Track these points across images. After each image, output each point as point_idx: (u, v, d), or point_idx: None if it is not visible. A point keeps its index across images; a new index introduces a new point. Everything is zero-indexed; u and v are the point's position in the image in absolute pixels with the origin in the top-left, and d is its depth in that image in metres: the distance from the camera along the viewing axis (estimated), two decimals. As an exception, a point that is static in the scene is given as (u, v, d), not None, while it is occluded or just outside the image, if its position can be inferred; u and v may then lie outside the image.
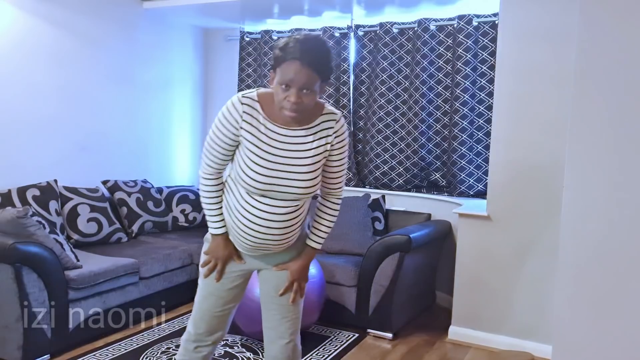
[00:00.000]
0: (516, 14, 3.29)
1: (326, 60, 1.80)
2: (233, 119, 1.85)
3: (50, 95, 3.93)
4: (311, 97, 1.79)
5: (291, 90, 1.75)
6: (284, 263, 2.04)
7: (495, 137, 3.42)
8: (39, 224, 3.05)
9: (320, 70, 1.76)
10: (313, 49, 1.75)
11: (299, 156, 1.87)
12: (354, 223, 3.99)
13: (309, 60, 1.73)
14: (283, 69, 1.75)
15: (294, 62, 1.73)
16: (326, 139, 1.90)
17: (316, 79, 1.76)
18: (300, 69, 1.73)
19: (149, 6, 4.51)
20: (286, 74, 1.74)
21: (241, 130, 1.85)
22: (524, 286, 3.35)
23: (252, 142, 1.86)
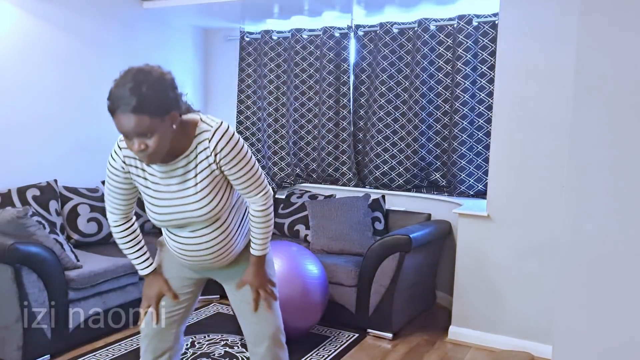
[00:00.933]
0: (516, 14, 3.29)
1: (152, 96, 1.61)
2: (118, 168, 1.88)
3: (50, 95, 3.93)
4: (157, 138, 1.63)
5: (133, 140, 1.65)
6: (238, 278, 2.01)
7: (495, 137, 3.42)
8: (39, 224, 3.05)
9: (148, 110, 1.60)
10: (132, 91, 1.59)
11: (187, 186, 1.81)
12: (354, 223, 3.99)
13: (130, 108, 1.58)
14: (115, 121, 1.66)
15: (119, 114, 1.62)
16: (206, 161, 1.78)
17: (149, 121, 1.60)
18: (126, 119, 1.60)
19: (149, 6, 4.51)
20: (119, 127, 1.65)
21: (129, 174, 1.87)
22: (524, 286, 3.35)
23: (141, 185, 1.87)
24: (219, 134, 1.77)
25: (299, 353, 3.14)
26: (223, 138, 1.77)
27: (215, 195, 1.83)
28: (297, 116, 4.83)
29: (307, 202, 4.30)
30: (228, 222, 1.91)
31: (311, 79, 4.75)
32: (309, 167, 4.88)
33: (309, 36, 4.74)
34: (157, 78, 1.67)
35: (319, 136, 4.72)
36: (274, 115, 4.98)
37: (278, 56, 4.90)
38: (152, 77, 1.65)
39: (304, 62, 4.75)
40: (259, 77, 4.97)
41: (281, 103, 4.94)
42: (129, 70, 1.67)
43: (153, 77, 1.66)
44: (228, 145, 1.77)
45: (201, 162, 1.79)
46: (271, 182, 4.96)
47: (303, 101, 4.79)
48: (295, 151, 4.88)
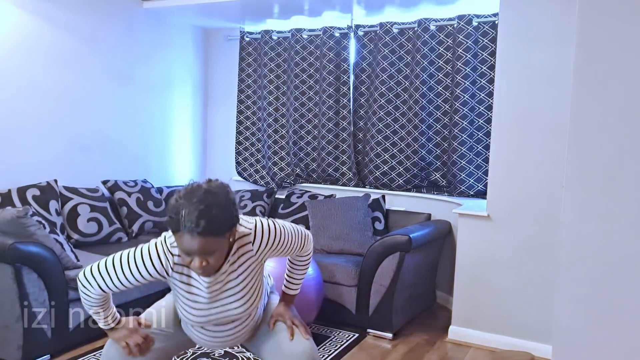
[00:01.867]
0: (516, 14, 3.29)
1: (219, 220, 1.62)
2: (159, 272, 1.78)
3: (51, 95, 3.93)
4: (217, 256, 1.68)
5: (194, 258, 1.65)
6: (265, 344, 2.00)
7: (495, 137, 3.42)
8: (39, 224, 3.05)
9: (215, 232, 1.62)
10: (201, 216, 1.59)
11: (229, 287, 1.83)
12: (354, 223, 3.99)
13: (199, 230, 1.58)
14: (177, 238, 1.64)
15: (185, 235, 1.60)
16: (249, 262, 1.83)
17: (214, 241, 1.63)
18: (192, 241, 1.60)
19: (149, 6, 4.51)
20: (182, 245, 1.64)
21: (171, 278, 1.82)
22: (524, 286, 3.35)
23: (182, 290, 1.84)
24: (259, 235, 1.83)
25: (299, 353, 3.14)
26: (264, 237, 1.83)
27: (255, 291, 1.88)
28: (297, 116, 4.83)
29: (307, 202, 4.30)
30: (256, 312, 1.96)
31: (311, 79, 4.75)
32: (309, 167, 4.88)
33: (309, 36, 4.74)
34: (224, 199, 1.67)
35: (319, 136, 4.72)
36: (274, 115, 4.98)
37: (278, 56, 4.90)
38: (219, 199, 1.66)
39: (304, 62, 4.75)
40: (259, 77, 4.98)
41: (281, 103, 4.94)
42: (195, 190, 1.65)
43: (220, 199, 1.66)
44: (270, 239, 1.84)
45: (243, 263, 1.83)
46: (271, 182, 4.96)
47: (303, 101, 4.79)
48: (295, 151, 4.88)
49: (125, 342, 1.87)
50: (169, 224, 1.65)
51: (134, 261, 1.78)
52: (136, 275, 1.78)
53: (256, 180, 5.08)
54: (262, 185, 5.03)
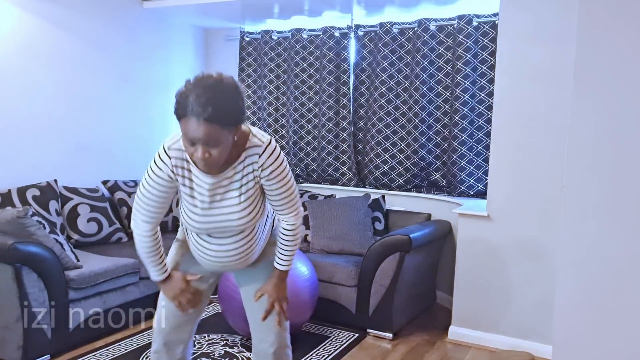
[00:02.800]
0: (516, 14, 3.29)
1: (225, 108, 1.63)
2: (164, 177, 1.82)
3: (51, 95, 3.93)
4: (221, 148, 1.68)
5: (197, 147, 1.66)
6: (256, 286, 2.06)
7: (495, 137, 3.42)
8: (39, 224, 3.05)
9: (221, 121, 1.62)
10: (208, 102, 1.59)
11: (230, 196, 1.85)
12: (354, 223, 3.99)
13: (206, 116, 1.59)
14: (182, 124, 1.65)
15: (191, 119, 1.61)
16: (252, 174, 1.84)
17: (219, 131, 1.63)
18: (198, 126, 1.60)
19: (149, 6, 4.51)
20: (187, 131, 1.64)
21: (176, 182, 1.85)
22: (524, 286, 3.35)
23: (185, 193, 1.87)
24: (269, 151, 1.83)
25: (299, 353, 3.14)
26: (272, 156, 1.83)
27: (255, 207, 1.89)
28: (297, 116, 4.83)
29: (307, 202, 4.30)
30: (256, 229, 1.97)
31: (311, 79, 4.75)
32: (309, 167, 4.88)
33: (309, 36, 4.74)
34: (233, 91, 1.68)
35: (319, 136, 4.72)
36: (274, 115, 4.98)
37: (278, 56, 4.90)
38: (228, 89, 1.67)
39: (304, 62, 4.75)
40: (259, 77, 4.98)
41: (281, 103, 4.94)
42: (205, 78, 1.66)
43: (229, 89, 1.67)
44: (275, 164, 1.84)
45: (247, 174, 1.84)
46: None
47: (303, 101, 4.80)
48: (295, 151, 4.88)
49: (178, 300, 1.98)
50: (176, 110, 1.66)
51: (147, 176, 1.85)
52: (156, 187, 1.84)
53: (256, 180, 5.07)
54: (262, 185, 5.02)
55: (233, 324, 3.28)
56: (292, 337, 2.19)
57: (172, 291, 2.00)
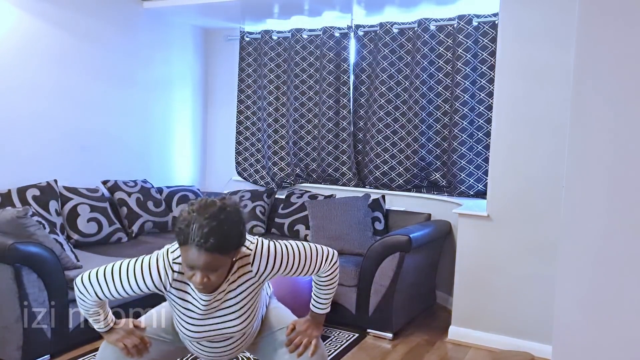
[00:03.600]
0: (516, 14, 3.29)
1: (227, 237, 1.62)
2: (157, 285, 1.76)
3: (50, 95, 3.93)
4: (219, 273, 1.67)
5: (196, 273, 1.64)
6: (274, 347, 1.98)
7: (495, 137, 3.42)
8: (39, 224, 3.04)
9: (223, 250, 1.62)
10: (211, 232, 1.58)
11: (227, 306, 1.82)
12: (354, 223, 3.99)
13: (208, 246, 1.58)
14: (183, 251, 1.64)
15: (192, 248, 1.60)
16: (248, 284, 1.81)
17: (219, 259, 1.63)
18: (199, 256, 1.60)
19: (149, 6, 4.52)
20: (187, 259, 1.63)
21: (168, 292, 1.80)
22: (524, 286, 3.35)
23: (179, 305, 1.82)
24: (258, 256, 1.79)
25: (299, 353, 3.14)
26: (263, 258, 1.79)
27: (252, 311, 1.86)
28: (297, 116, 4.83)
29: (307, 202, 4.30)
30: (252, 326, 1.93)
31: (311, 79, 4.75)
32: (309, 167, 4.88)
33: (309, 36, 4.74)
34: (236, 218, 1.67)
35: (319, 136, 4.72)
36: (274, 115, 4.98)
37: (278, 56, 4.90)
38: (231, 217, 1.65)
39: (304, 62, 4.75)
40: (259, 77, 4.98)
41: (281, 103, 4.94)
42: (209, 206, 1.64)
43: (232, 217, 1.66)
44: (269, 261, 1.80)
45: (242, 284, 1.81)
46: (271, 182, 4.96)
47: (303, 101, 4.80)
48: (295, 151, 4.88)
49: (123, 344, 1.86)
50: (177, 235, 1.65)
51: (134, 272, 1.77)
52: (134, 286, 1.77)
53: (256, 180, 5.08)
54: (262, 185, 5.03)
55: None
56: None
57: (115, 336, 1.88)
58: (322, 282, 1.95)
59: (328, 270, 1.92)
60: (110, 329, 1.90)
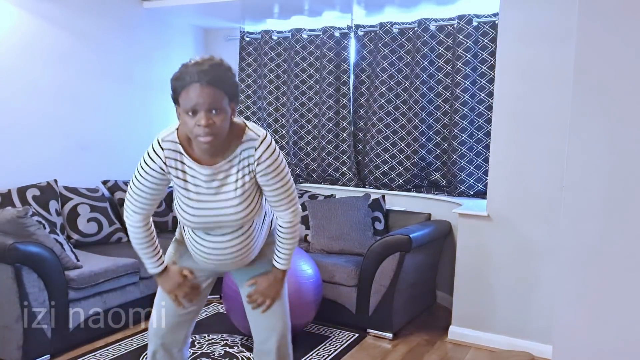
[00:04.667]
0: (516, 14, 3.29)
1: (226, 76, 1.72)
2: (156, 169, 1.83)
3: (51, 95, 3.93)
4: (222, 117, 1.70)
5: (199, 115, 1.68)
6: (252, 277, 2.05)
7: (495, 137, 3.42)
8: (39, 224, 3.05)
9: (222, 86, 1.69)
10: (209, 68, 1.68)
11: (225, 190, 1.85)
12: (354, 223, 3.99)
13: (208, 79, 1.66)
14: (184, 97, 1.69)
15: (193, 86, 1.66)
16: (248, 168, 1.84)
17: (222, 96, 1.69)
18: (201, 90, 1.66)
19: (149, 6, 4.52)
20: (189, 100, 1.68)
21: (168, 175, 1.85)
22: (524, 286, 3.35)
23: (179, 186, 1.86)
24: (265, 145, 1.82)
25: (299, 353, 3.14)
26: (268, 150, 1.82)
27: (251, 201, 1.88)
28: (297, 116, 4.83)
29: (307, 202, 4.30)
30: (253, 226, 1.96)
31: (311, 79, 4.75)
32: (309, 167, 4.88)
33: (309, 36, 4.74)
34: (229, 66, 1.76)
35: (319, 136, 4.72)
36: (274, 115, 4.98)
37: (278, 56, 4.90)
38: (225, 65, 1.75)
39: (304, 62, 4.75)
40: (259, 77, 4.98)
41: (281, 103, 4.94)
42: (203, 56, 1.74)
43: (226, 64, 1.75)
44: (271, 158, 1.83)
45: (243, 168, 1.84)
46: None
47: (303, 101, 4.80)
48: (295, 151, 4.88)
49: (175, 294, 1.99)
50: (174, 89, 1.72)
51: (140, 170, 1.86)
52: (148, 180, 1.85)
53: (256, 180, 5.07)
54: (262, 185, 5.02)
55: (237, 323, 3.28)
56: (293, 338, 2.19)
57: (169, 284, 2.00)
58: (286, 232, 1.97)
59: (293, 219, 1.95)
60: (162, 274, 2.00)
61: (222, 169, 1.83)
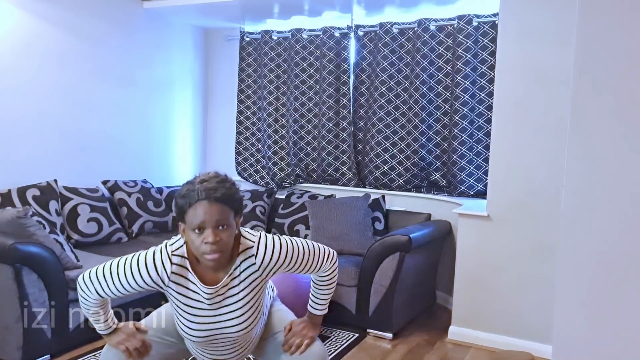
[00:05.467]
0: (516, 14, 3.29)
1: (232, 192, 1.72)
2: (155, 280, 1.76)
3: (50, 95, 3.93)
4: (229, 233, 1.70)
5: (206, 232, 1.66)
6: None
7: (495, 137, 3.42)
8: (39, 224, 3.05)
9: (229, 202, 1.69)
10: (216, 185, 1.68)
11: (228, 303, 1.81)
12: (354, 223, 3.99)
13: (216, 196, 1.66)
14: (191, 214, 1.67)
15: (201, 203, 1.66)
16: (252, 277, 1.81)
17: (228, 213, 1.69)
18: (209, 207, 1.65)
19: (149, 6, 4.52)
20: (196, 217, 1.66)
21: (167, 288, 1.79)
22: (524, 286, 3.35)
23: (181, 302, 1.81)
24: (262, 248, 1.80)
25: (299, 353, 3.14)
26: (267, 251, 1.80)
27: (255, 310, 1.85)
28: (297, 116, 4.83)
29: (307, 202, 4.30)
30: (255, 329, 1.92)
31: (311, 79, 4.75)
32: (309, 167, 4.88)
33: (309, 36, 4.74)
34: (233, 183, 1.77)
35: (319, 136, 4.72)
36: (274, 115, 4.98)
37: (278, 56, 4.90)
38: (230, 180, 1.76)
39: (304, 62, 4.75)
40: (259, 77, 4.98)
41: (281, 103, 4.94)
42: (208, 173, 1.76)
43: (231, 181, 1.77)
44: (274, 255, 1.80)
45: (246, 278, 1.81)
46: (271, 182, 4.96)
47: (303, 101, 4.80)
48: (295, 151, 4.88)
49: (125, 346, 1.85)
50: (180, 205, 1.70)
51: (131, 268, 1.76)
52: (132, 283, 1.76)
53: (256, 180, 5.08)
54: (262, 185, 5.03)
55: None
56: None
57: (116, 338, 1.87)
58: (321, 282, 1.95)
59: (328, 270, 1.93)
60: (112, 332, 1.90)
61: (223, 284, 1.80)
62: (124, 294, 1.80)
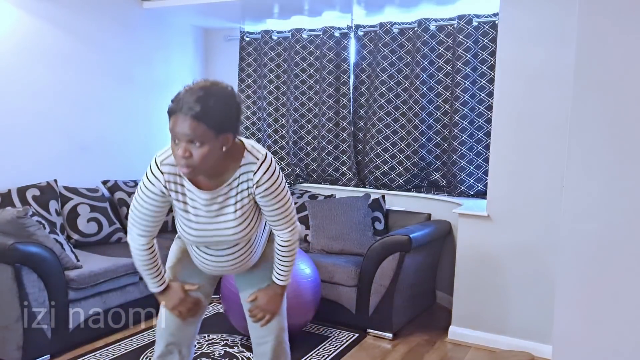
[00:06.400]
0: (516, 14, 3.29)
1: (217, 110, 1.64)
2: (157, 192, 1.82)
3: (50, 95, 3.93)
4: (204, 151, 1.65)
5: (179, 145, 1.67)
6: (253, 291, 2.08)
7: (495, 137, 3.42)
8: (39, 224, 3.05)
9: (208, 121, 1.62)
10: (198, 100, 1.62)
11: (224, 212, 1.85)
12: (354, 223, 3.99)
13: (193, 113, 1.61)
14: (171, 123, 1.68)
15: (179, 116, 1.64)
16: (247, 191, 1.83)
17: (205, 131, 1.63)
18: (183, 122, 1.63)
19: (149, 6, 4.51)
20: (173, 128, 1.67)
21: (169, 196, 1.85)
22: (524, 286, 3.35)
23: (179, 208, 1.87)
24: (264, 167, 1.81)
25: (299, 353, 3.14)
26: (267, 172, 1.81)
27: (250, 221, 1.89)
28: (297, 116, 4.83)
29: (307, 202, 4.30)
30: (252, 239, 1.98)
31: (311, 79, 4.75)
32: (309, 167, 4.88)
33: (309, 36, 4.74)
34: (227, 96, 1.70)
35: (319, 136, 4.72)
36: (274, 115, 4.98)
37: (278, 56, 4.90)
38: (222, 94, 1.69)
39: (304, 62, 4.75)
40: (259, 77, 4.98)
41: (281, 103, 4.94)
42: (205, 81, 1.71)
43: (223, 94, 1.69)
44: (269, 181, 1.82)
45: (242, 191, 1.84)
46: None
47: (303, 101, 4.80)
48: (295, 151, 4.88)
49: (178, 311, 2.00)
50: (168, 110, 1.70)
51: (140, 191, 1.84)
52: (149, 201, 1.83)
53: (256, 180, 5.07)
54: (262, 185, 5.02)
55: (235, 323, 3.28)
56: (292, 338, 2.20)
57: (171, 302, 2.00)
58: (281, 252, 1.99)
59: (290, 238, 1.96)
60: (163, 292, 1.99)
61: (221, 193, 1.83)
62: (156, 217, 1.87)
